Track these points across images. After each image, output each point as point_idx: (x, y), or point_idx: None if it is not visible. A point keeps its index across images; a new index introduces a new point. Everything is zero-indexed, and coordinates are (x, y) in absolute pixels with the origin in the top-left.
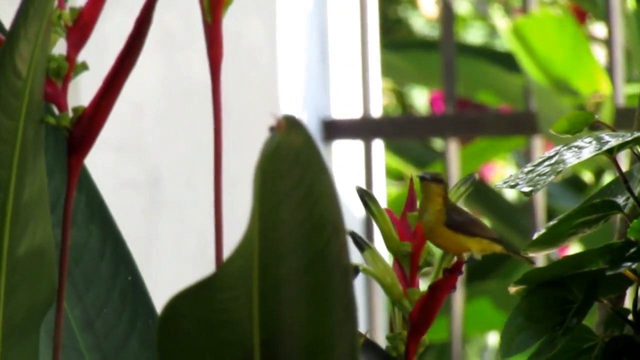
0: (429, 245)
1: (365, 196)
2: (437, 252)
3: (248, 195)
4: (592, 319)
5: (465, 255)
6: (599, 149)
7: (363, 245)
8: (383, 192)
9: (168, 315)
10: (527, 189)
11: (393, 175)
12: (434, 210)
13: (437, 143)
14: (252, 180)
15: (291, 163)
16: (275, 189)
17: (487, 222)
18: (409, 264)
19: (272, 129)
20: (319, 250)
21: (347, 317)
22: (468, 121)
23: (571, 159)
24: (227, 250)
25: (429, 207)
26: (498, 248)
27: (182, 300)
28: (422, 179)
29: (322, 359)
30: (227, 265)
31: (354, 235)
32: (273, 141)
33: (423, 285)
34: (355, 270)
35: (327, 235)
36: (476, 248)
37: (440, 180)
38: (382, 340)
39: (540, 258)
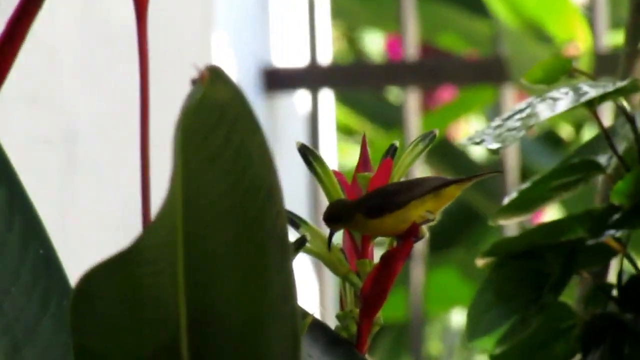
0: None
1: (309, 154)
2: None
3: None
4: (571, 295)
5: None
6: (577, 101)
7: (297, 221)
8: (333, 151)
9: (82, 292)
10: (494, 146)
11: (346, 132)
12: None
13: (394, 95)
14: (173, 139)
15: (217, 120)
16: (199, 150)
17: None
18: (359, 233)
19: (194, 82)
20: (251, 219)
21: (286, 294)
22: (429, 68)
23: (545, 112)
24: None
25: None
26: (447, 194)
27: (98, 275)
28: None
29: (257, 341)
30: (148, 236)
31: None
32: (195, 95)
33: (379, 255)
34: (301, 241)
35: (260, 201)
36: (418, 213)
37: (336, 219)
38: (333, 320)
39: (511, 226)
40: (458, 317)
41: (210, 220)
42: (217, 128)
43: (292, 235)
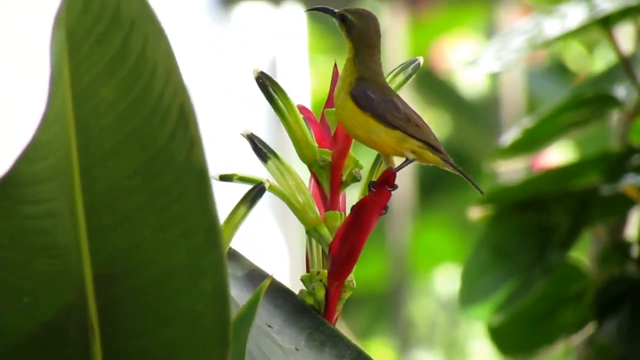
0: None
1: (269, 84)
2: (367, 163)
3: None
4: (583, 254)
5: (390, 160)
6: (591, 17)
7: (265, 152)
8: (306, 81)
9: None
10: (494, 68)
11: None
12: (343, 76)
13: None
14: (50, 45)
15: (111, 20)
16: (90, 59)
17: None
18: (328, 178)
19: None
20: (160, 147)
21: (209, 243)
22: None
23: (554, 28)
24: None
25: (342, 73)
26: (433, 158)
27: None
28: (324, 11)
29: (177, 300)
30: (28, 163)
31: (252, 139)
32: None
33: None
34: (259, 189)
35: (170, 125)
36: (392, 144)
37: (344, 19)
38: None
39: (511, 171)
40: (444, 277)
41: (110, 149)
42: (111, 31)
43: (261, 170)
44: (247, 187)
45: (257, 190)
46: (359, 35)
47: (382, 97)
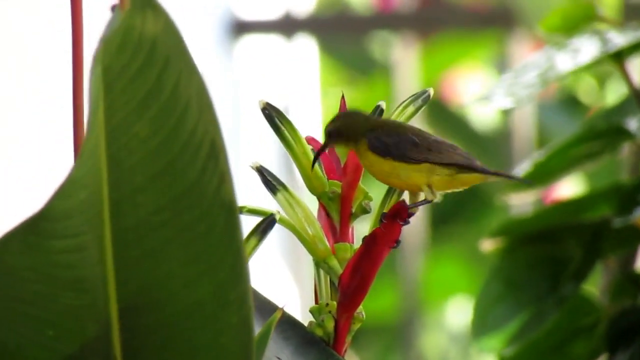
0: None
1: (275, 115)
2: (378, 194)
3: None
4: (594, 286)
5: (420, 197)
6: (603, 52)
7: (274, 184)
8: (317, 113)
9: None
10: (506, 104)
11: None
12: (356, 147)
13: (375, 49)
14: (89, 82)
15: (146, 58)
16: (124, 95)
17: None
18: (337, 210)
19: (113, 8)
20: (191, 182)
21: (234, 276)
22: (426, 17)
23: (566, 64)
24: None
25: (354, 150)
26: (469, 178)
27: (4, 250)
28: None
29: (201, 333)
30: (61, 198)
31: (261, 171)
32: (115, 25)
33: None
34: (270, 221)
35: (201, 160)
36: (421, 181)
37: (331, 134)
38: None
39: (523, 204)
40: (455, 309)
41: (141, 184)
42: (146, 68)
43: (269, 202)
44: (257, 218)
45: (267, 222)
46: (351, 128)
47: (396, 139)
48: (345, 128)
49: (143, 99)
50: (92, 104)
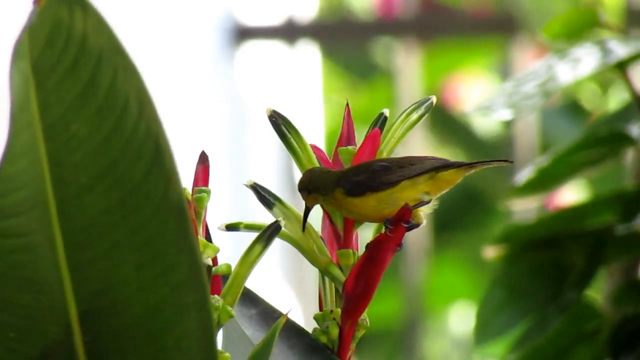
0: None
1: (282, 122)
2: None
3: None
4: (597, 292)
5: (413, 201)
6: (605, 62)
7: (270, 199)
8: (320, 120)
9: None
10: (507, 116)
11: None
12: (333, 199)
13: (377, 55)
14: (9, 75)
15: (76, 54)
16: (58, 90)
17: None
18: (341, 217)
19: (36, 2)
20: (136, 184)
21: (191, 279)
22: (427, 23)
23: (566, 75)
24: None
25: (330, 204)
26: (448, 176)
27: None
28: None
29: (162, 337)
30: (4, 192)
31: (256, 188)
32: (43, 18)
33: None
34: (275, 227)
35: (145, 162)
36: (409, 196)
37: (309, 190)
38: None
39: (526, 210)
40: (457, 315)
41: (86, 183)
42: (79, 65)
43: (266, 216)
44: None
45: (272, 229)
46: (319, 180)
47: (366, 173)
48: (314, 182)
49: (78, 96)
50: (19, 99)
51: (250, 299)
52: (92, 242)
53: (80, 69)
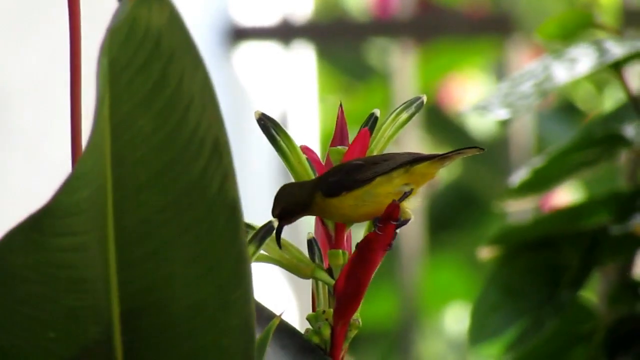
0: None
1: (271, 125)
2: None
3: None
4: (592, 293)
5: (399, 195)
6: (601, 62)
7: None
8: (315, 121)
9: None
10: (503, 115)
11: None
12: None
13: (372, 56)
14: (95, 74)
15: (151, 51)
16: (130, 89)
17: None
18: None
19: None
20: (193, 180)
21: (237, 277)
22: (424, 23)
23: (563, 75)
24: None
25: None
26: (424, 169)
27: (7, 248)
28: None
29: (203, 334)
30: (65, 195)
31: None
32: (121, 17)
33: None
34: (269, 227)
35: (204, 158)
36: (386, 190)
37: (282, 216)
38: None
39: (521, 211)
40: (453, 316)
41: (144, 181)
42: (152, 61)
43: (257, 217)
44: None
45: (265, 230)
46: (296, 197)
47: (340, 173)
48: (291, 202)
49: (148, 93)
50: (99, 97)
51: None
52: (142, 241)
53: (153, 65)
